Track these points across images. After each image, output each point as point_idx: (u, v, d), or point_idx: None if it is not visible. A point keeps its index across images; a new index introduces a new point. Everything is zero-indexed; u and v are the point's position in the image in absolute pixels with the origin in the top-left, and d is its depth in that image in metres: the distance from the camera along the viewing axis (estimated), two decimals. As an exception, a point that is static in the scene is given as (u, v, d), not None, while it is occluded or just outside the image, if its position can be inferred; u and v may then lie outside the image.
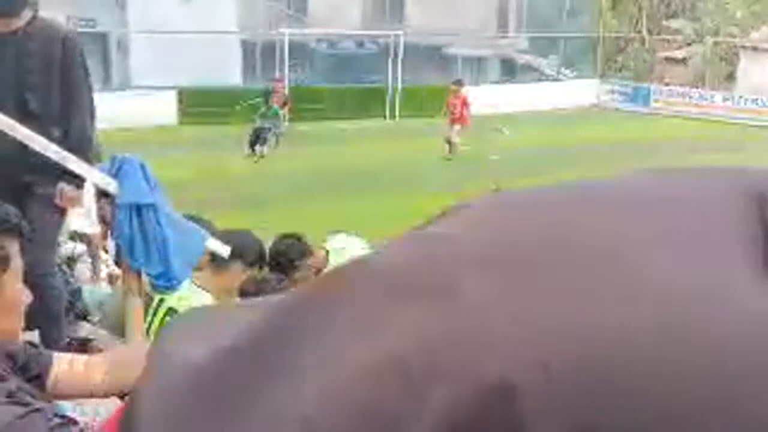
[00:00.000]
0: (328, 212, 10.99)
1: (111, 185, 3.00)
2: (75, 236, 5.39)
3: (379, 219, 9.39)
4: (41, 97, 3.69)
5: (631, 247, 0.41)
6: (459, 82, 17.33)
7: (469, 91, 17.61)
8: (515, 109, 22.98)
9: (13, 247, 1.39)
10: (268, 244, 3.98)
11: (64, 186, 3.62)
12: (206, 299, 3.11)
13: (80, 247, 5.55)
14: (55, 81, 3.71)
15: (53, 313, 3.71)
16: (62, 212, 3.85)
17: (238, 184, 12.82)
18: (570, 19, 29.48)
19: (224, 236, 3.19)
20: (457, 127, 16.20)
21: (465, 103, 16.42)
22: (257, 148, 15.55)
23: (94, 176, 3.00)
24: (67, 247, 5.37)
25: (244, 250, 3.20)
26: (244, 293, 3.06)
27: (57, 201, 3.69)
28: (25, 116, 3.24)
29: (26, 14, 3.71)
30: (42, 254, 3.62)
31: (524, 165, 14.98)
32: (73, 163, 2.97)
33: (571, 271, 0.40)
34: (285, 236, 4.07)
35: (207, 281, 3.24)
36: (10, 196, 3.14)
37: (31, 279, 3.35)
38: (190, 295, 3.12)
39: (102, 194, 3.05)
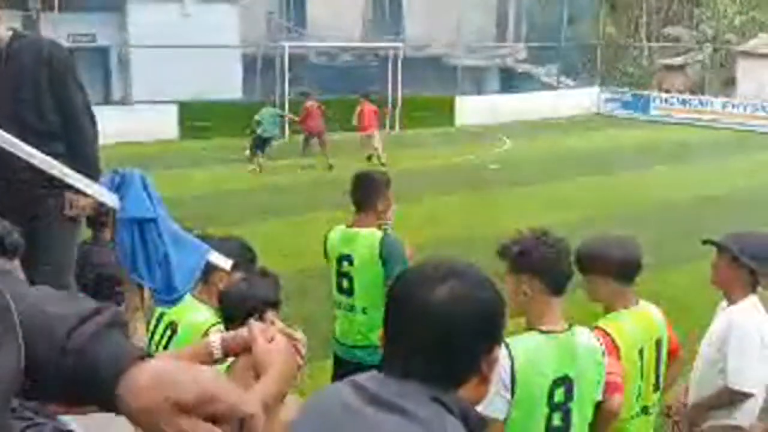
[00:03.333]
0: (332, 222, 10.97)
1: (112, 200, 3.01)
2: None
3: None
4: (35, 114, 3.67)
5: None
6: (365, 95, 17.52)
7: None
8: (515, 118, 23.00)
9: (13, 264, 1.40)
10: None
11: (71, 196, 3.60)
12: (206, 313, 3.10)
13: None
14: (46, 98, 3.69)
15: None
16: (74, 229, 3.83)
17: (240, 197, 12.83)
18: (569, 28, 29.56)
19: (216, 243, 3.19)
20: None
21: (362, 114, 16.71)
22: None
23: (96, 191, 3.01)
24: None
25: (235, 257, 3.19)
26: (227, 293, 3.03)
27: (66, 212, 3.67)
28: (23, 132, 3.24)
29: (4, 32, 3.67)
30: (54, 275, 3.61)
31: (525, 174, 14.98)
32: (74, 179, 2.98)
33: None
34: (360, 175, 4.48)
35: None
36: (20, 215, 3.15)
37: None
38: (191, 308, 3.12)
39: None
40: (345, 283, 4.27)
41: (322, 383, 4.42)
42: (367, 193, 4.30)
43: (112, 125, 16.05)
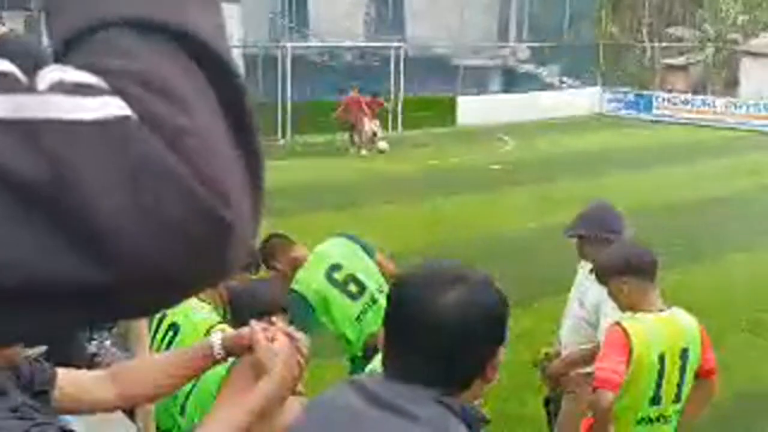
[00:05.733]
0: (331, 223, 10.98)
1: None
2: None
3: (385, 229, 9.38)
4: None
5: None
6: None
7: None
8: (517, 118, 23.00)
9: None
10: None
11: None
12: (207, 313, 3.10)
13: None
14: None
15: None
16: None
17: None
18: (571, 28, 29.55)
19: None
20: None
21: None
22: None
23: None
24: None
25: None
26: (234, 293, 3.04)
27: None
28: None
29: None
30: None
31: (526, 174, 14.97)
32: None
33: None
34: (270, 236, 4.37)
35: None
36: None
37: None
38: (192, 309, 3.12)
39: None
40: (354, 288, 4.20)
41: (325, 383, 4.42)
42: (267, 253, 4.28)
43: (114, 125, 16.07)
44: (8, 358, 1.43)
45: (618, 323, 3.20)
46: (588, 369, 3.65)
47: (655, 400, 3.21)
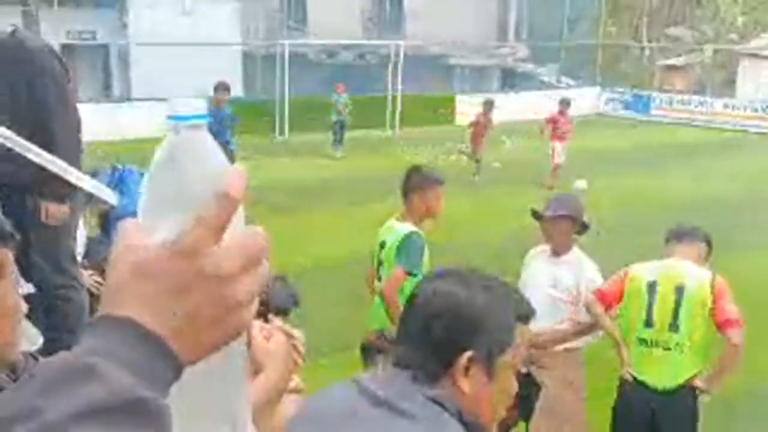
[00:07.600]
0: (327, 221, 10.98)
1: (109, 195, 3.00)
2: None
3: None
4: (9, 118, 3.47)
5: None
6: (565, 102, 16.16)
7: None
8: (515, 117, 22.97)
9: (8, 256, 1.38)
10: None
11: (47, 204, 3.45)
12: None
13: None
14: (22, 101, 3.53)
15: (69, 326, 3.60)
16: (63, 225, 3.78)
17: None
18: (570, 28, 29.56)
19: None
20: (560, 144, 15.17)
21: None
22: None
23: (89, 186, 3.00)
24: None
25: None
26: None
27: (42, 219, 3.53)
28: None
29: None
30: (57, 266, 3.55)
31: (525, 173, 14.98)
32: (70, 174, 2.96)
33: None
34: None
35: None
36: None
37: (48, 291, 3.29)
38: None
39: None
40: (381, 270, 4.43)
41: (323, 380, 4.40)
42: (404, 188, 4.45)
43: (111, 122, 16.08)
44: (1, 355, 1.41)
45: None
46: (565, 345, 4.16)
47: (648, 323, 3.82)
